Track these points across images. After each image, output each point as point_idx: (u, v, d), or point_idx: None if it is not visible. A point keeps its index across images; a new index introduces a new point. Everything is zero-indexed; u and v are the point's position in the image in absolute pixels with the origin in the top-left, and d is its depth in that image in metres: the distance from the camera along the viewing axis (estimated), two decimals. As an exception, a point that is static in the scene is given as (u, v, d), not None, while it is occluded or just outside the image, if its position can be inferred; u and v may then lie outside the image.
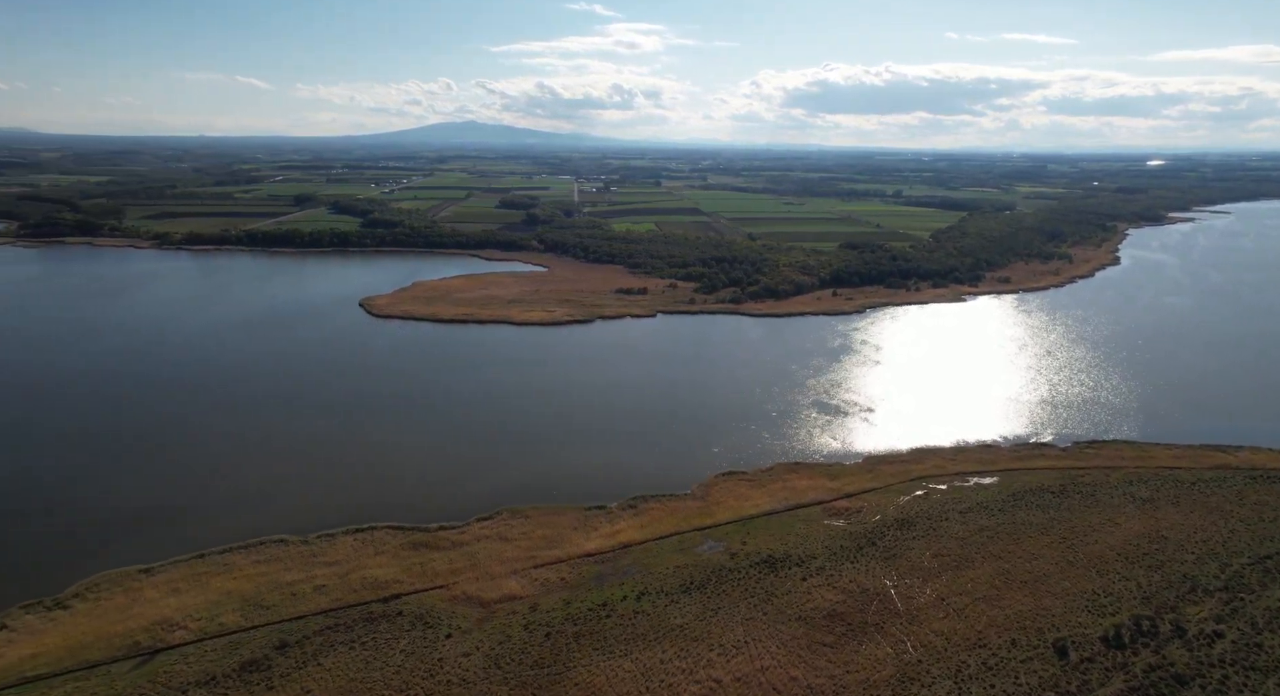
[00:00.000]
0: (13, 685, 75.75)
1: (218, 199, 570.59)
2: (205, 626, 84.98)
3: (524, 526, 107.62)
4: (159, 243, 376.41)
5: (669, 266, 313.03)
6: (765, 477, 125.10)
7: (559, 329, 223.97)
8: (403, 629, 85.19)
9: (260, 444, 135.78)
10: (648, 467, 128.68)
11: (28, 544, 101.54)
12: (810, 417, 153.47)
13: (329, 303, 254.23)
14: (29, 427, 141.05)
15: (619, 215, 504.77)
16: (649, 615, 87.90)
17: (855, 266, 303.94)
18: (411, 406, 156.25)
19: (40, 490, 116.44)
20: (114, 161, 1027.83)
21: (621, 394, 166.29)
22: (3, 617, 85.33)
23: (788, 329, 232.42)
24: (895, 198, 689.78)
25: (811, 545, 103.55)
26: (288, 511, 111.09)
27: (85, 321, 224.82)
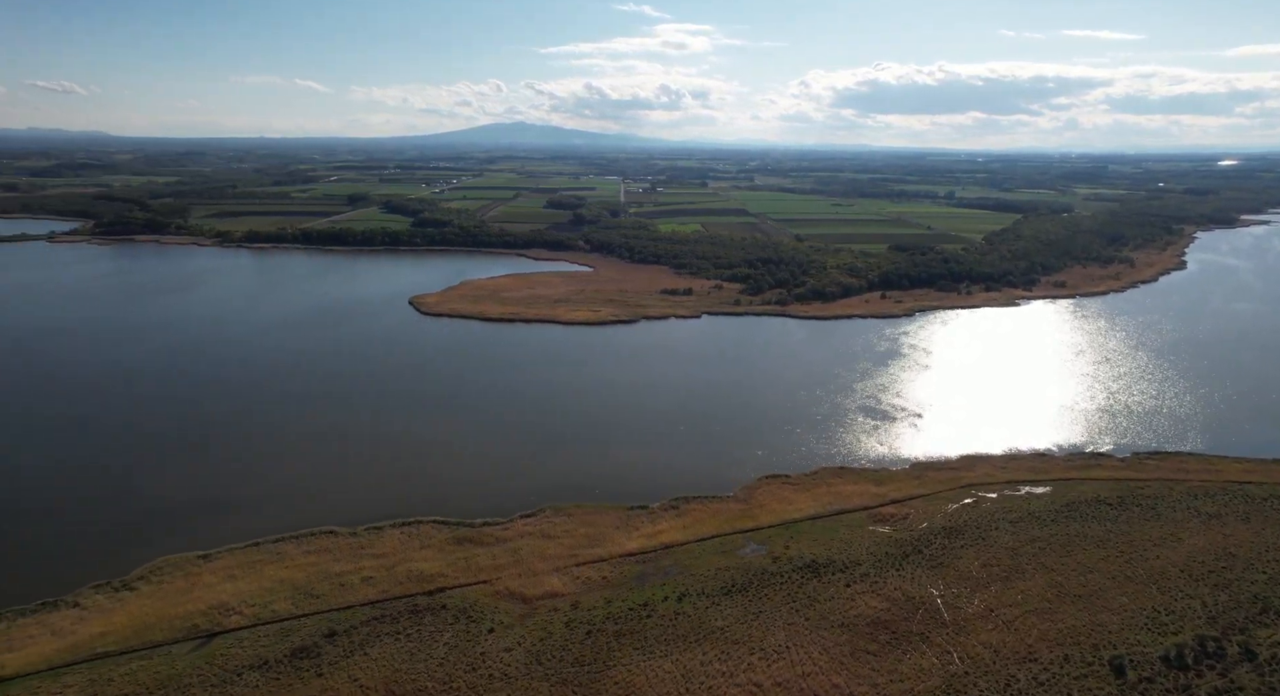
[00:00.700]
0: (84, 660, 79.32)
1: (275, 198, 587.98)
2: (259, 612, 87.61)
3: (566, 524, 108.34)
4: (220, 240, 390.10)
5: (714, 267, 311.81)
6: (809, 481, 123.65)
7: (604, 329, 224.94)
8: (446, 622, 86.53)
9: (312, 437, 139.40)
10: (690, 468, 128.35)
11: (97, 528, 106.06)
12: (856, 422, 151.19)
13: (380, 300, 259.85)
14: (100, 420, 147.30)
15: (665, 216, 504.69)
16: (690, 616, 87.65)
17: (905, 269, 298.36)
18: (458, 403, 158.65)
19: (109, 479, 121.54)
20: (181, 162, 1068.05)
21: (665, 394, 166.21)
22: (76, 596, 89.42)
23: (834, 331, 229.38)
24: (947, 199, 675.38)
25: (856, 551, 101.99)
26: (337, 503, 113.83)
27: (150, 317, 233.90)
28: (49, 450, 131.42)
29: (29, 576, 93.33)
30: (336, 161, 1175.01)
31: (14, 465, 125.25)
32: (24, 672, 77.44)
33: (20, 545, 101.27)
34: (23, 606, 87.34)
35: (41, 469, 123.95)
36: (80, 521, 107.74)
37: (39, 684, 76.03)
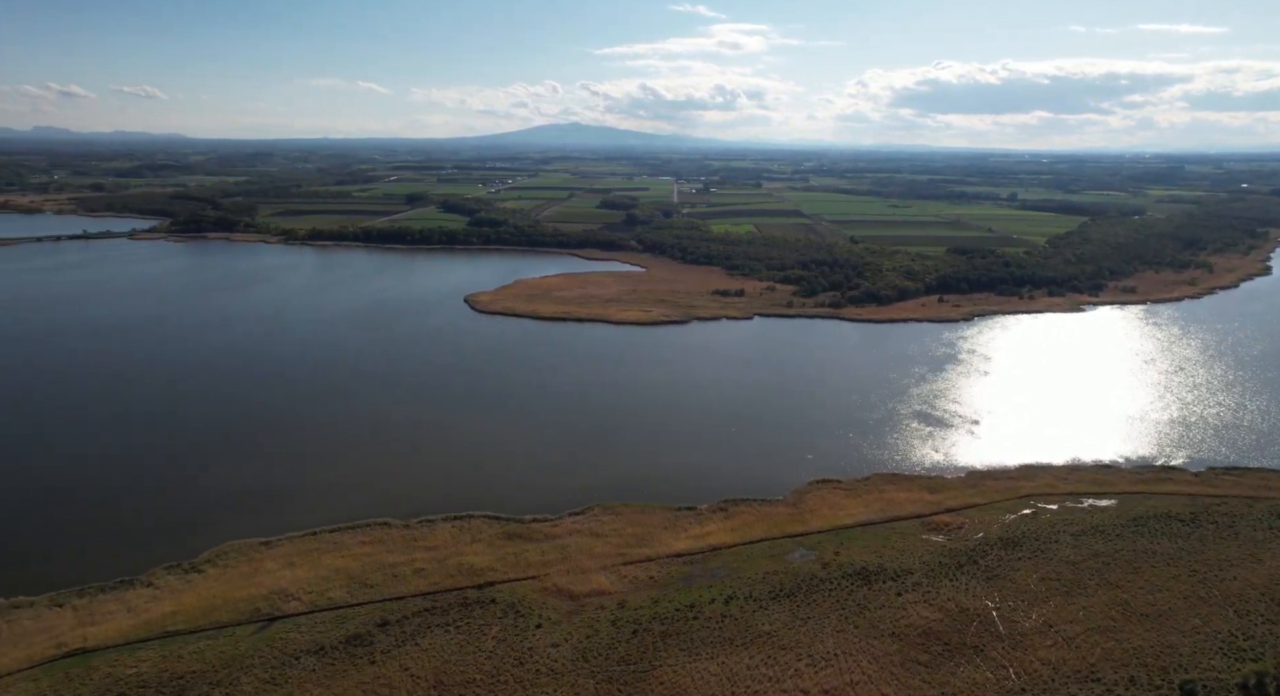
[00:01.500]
0: (157, 637, 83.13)
1: (337, 198, 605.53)
2: (316, 599, 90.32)
3: (614, 523, 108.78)
4: (285, 238, 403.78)
5: (767, 269, 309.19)
6: (861, 487, 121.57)
7: (655, 329, 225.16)
8: (495, 616, 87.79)
9: (369, 430, 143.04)
10: (739, 471, 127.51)
11: (169, 513, 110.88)
12: (910, 428, 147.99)
13: (436, 297, 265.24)
14: (172, 410, 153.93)
15: (718, 216, 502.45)
16: (736, 619, 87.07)
17: (964, 272, 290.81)
18: (510, 400, 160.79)
19: (180, 466, 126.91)
20: (250, 163, 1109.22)
21: (715, 395, 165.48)
22: (149, 576, 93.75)
23: (889, 335, 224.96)
24: (1009, 201, 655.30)
25: (908, 559, 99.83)
26: (391, 496, 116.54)
27: (220, 311, 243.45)
28: (127, 438, 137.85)
29: (108, 556, 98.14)
30: (396, 161, 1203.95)
31: (95, 453, 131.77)
32: (104, 646, 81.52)
33: (100, 527, 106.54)
34: (103, 583, 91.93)
35: (120, 456, 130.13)
36: (154, 506, 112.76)
37: (117, 657, 79.91)
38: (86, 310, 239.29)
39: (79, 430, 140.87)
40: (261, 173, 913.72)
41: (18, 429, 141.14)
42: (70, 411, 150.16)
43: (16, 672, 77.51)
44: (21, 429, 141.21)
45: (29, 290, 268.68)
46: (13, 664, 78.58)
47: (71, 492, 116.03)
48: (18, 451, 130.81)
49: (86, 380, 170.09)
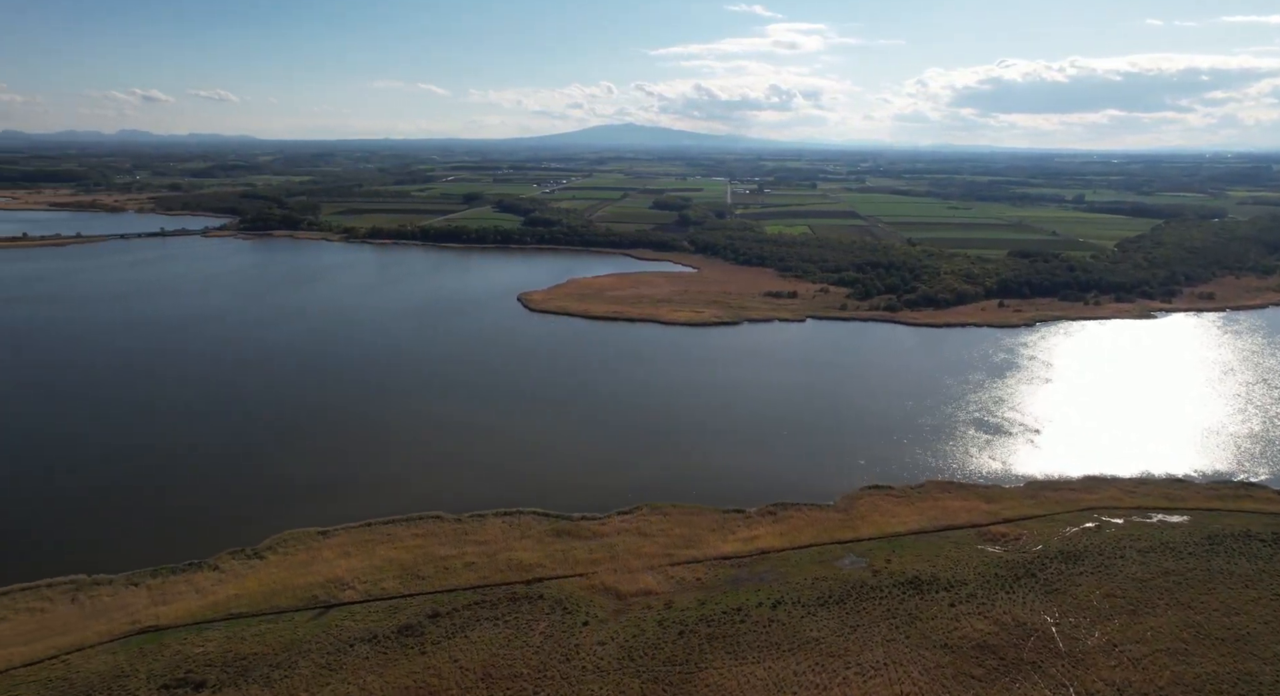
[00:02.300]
0: (222, 619, 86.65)
1: (396, 197, 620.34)
2: (370, 589, 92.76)
3: (662, 523, 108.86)
4: (346, 236, 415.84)
5: (821, 271, 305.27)
6: (914, 494, 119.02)
7: (706, 329, 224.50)
8: (543, 612, 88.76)
9: (423, 425, 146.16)
10: (789, 474, 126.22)
11: (234, 500, 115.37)
12: (967, 435, 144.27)
13: (490, 296, 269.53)
14: (237, 402, 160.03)
15: (771, 217, 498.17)
16: (784, 624, 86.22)
17: (1026, 276, 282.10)
18: (560, 398, 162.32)
19: (245, 456, 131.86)
20: (314, 163, 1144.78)
21: (765, 398, 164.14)
22: (215, 560, 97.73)
23: (946, 340, 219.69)
24: (1075, 203, 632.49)
25: (962, 570, 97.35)
26: (444, 490, 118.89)
27: (282, 307, 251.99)
28: (198, 428, 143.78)
29: (179, 540, 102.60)
30: (454, 162, 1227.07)
31: (167, 441, 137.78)
32: (175, 624, 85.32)
33: (172, 512, 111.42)
34: (174, 565, 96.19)
35: (191, 444, 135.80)
36: (221, 494, 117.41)
37: (185, 636, 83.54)
38: (162, 304, 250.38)
39: (154, 419, 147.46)
40: (325, 172, 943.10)
41: (101, 417, 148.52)
42: (147, 401, 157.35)
43: (98, 645, 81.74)
44: (105, 417, 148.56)
45: (111, 285, 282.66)
46: (94, 637, 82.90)
47: (148, 478, 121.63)
48: (101, 438, 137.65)
49: (163, 371, 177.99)
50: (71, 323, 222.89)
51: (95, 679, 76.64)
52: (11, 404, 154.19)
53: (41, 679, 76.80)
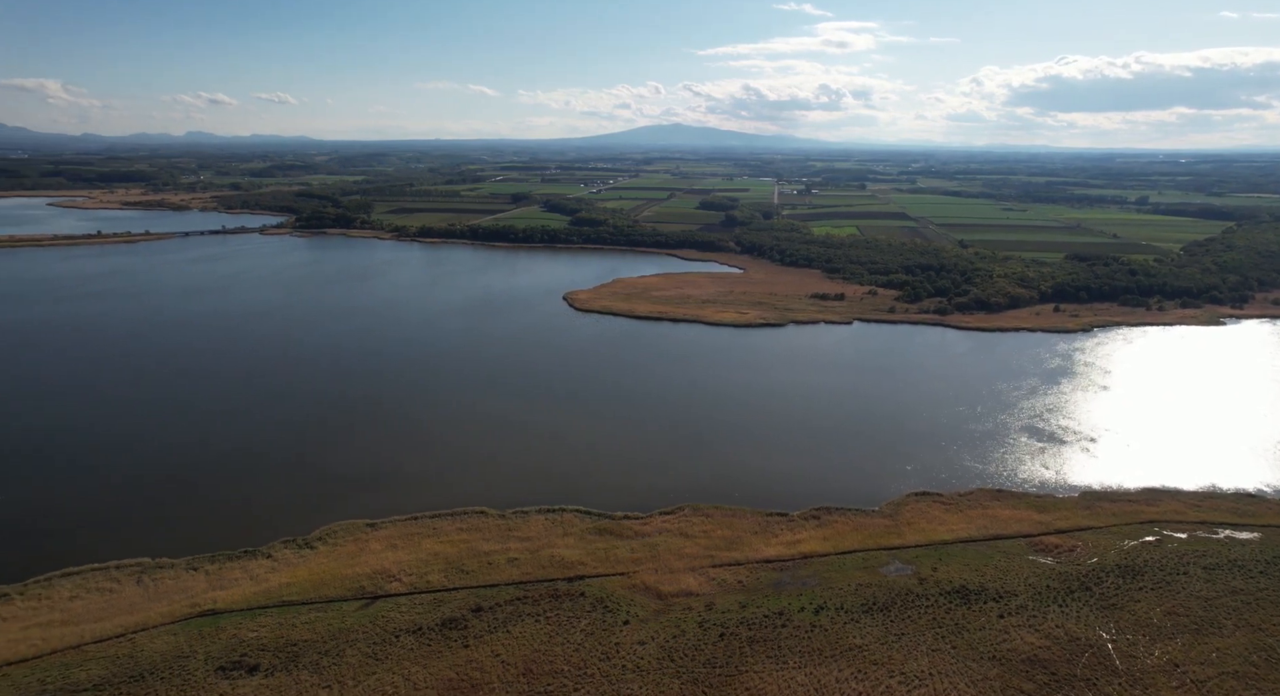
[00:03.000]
0: (274, 605, 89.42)
1: (446, 196, 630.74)
2: (415, 582, 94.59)
3: (704, 524, 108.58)
4: (397, 234, 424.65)
5: (869, 273, 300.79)
6: (963, 502, 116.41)
7: (751, 331, 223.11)
8: (584, 609, 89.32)
9: (469, 421, 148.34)
10: (833, 479, 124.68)
11: (287, 491, 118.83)
12: (1019, 442, 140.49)
13: (536, 295, 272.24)
14: (291, 395, 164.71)
15: (819, 218, 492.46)
16: (826, 630, 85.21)
17: (1083, 280, 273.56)
18: (604, 397, 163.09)
19: (298, 448, 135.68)
20: (368, 163, 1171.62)
21: (810, 400, 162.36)
22: (269, 548, 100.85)
23: (999, 345, 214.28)
24: (1139, 205, 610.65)
25: (1012, 580, 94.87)
26: (488, 485, 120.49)
27: (335, 303, 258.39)
28: (253, 420, 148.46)
29: (235, 527, 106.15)
30: (503, 162, 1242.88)
31: (225, 433, 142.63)
32: (230, 609, 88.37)
33: (228, 501, 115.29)
34: (230, 551, 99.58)
35: (246, 436, 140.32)
36: (275, 484, 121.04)
37: (240, 620, 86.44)
38: (221, 300, 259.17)
39: (213, 411, 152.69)
40: (378, 172, 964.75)
41: (165, 409, 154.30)
42: (207, 394, 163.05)
43: (160, 626, 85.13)
44: (168, 409, 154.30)
45: (175, 281, 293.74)
46: (156, 618, 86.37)
47: (207, 468, 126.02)
48: (164, 429, 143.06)
49: (223, 365, 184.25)
50: (140, 317, 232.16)
51: (158, 658, 79.81)
52: (88, 395, 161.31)
53: (110, 655, 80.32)
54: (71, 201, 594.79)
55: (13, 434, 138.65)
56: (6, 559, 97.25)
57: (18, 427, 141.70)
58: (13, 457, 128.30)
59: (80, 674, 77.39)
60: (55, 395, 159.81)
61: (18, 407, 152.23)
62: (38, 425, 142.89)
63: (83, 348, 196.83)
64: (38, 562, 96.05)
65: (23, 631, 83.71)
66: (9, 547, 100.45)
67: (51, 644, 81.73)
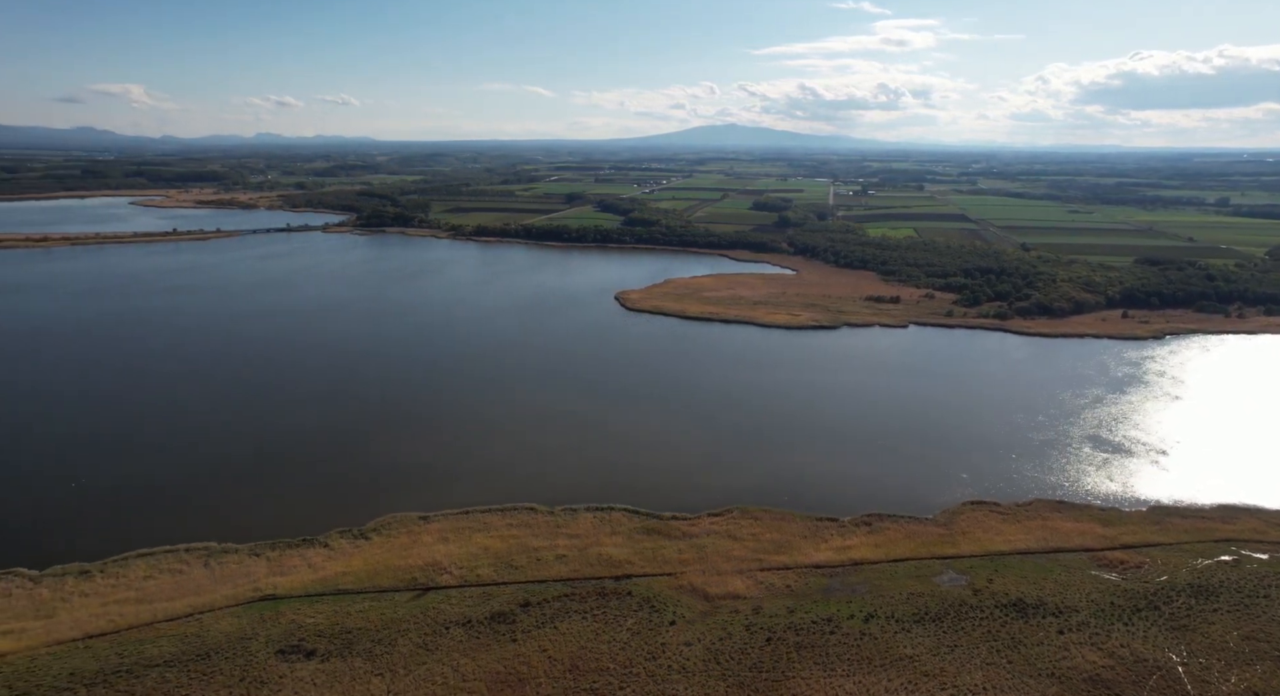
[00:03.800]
0: (330, 593, 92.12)
1: (501, 196, 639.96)
2: (466, 575, 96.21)
3: (753, 527, 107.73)
4: (454, 233, 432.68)
5: (926, 275, 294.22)
6: (1021, 512, 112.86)
7: (802, 333, 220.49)
8: (631, 608, 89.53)
9: (520, 418, 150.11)
10: (886, 485, 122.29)
11: (344, 482, 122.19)
12: (1082, 453, 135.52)
13: (588, 294, 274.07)
14: (351, 389, 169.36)
15: (875, 220, 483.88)
16: (876, 639, 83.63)
17: (1155, 285, 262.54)
18: (654, 397, 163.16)
19: (355, 441, 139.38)
20: (426, 163, 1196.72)
21: (863, 404, 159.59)
22: (326, 537, 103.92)
23: (1062, 351, 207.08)
24: (1218, 207, 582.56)
25: (1073, 596, 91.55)
26: (537, 482, 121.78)
27: (393, 300, 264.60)
28: (312, 413, 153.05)
29: (295, 516, 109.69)
30: (557, 162, 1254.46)
31: (286, 424, 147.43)
32: (290, 594, 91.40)
33: (288, 491, 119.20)
34: (290, 539, 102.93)
35: (306, 428, 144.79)
36: (332, 475, 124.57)
37: (299, 606, 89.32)
38: (285, 295, 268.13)
39: (275, 403, 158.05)
40: (436, 172, 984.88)
41: (230, 400, 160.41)
42: (270, 386, 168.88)
43: (224, 608, 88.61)
44: (233, 400, 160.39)
45: (243, 277, 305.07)
46: (221, 600, 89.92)
47: (270, 458, 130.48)
48: (229, 418, 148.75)
49: (284, 358, 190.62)
50: (211, 312, 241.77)
51: (222, 638, 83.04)
52: (161, 385, 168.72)
53: (179, 633, 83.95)
54: (150, 200, 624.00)
55: (104, 419, 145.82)
56: (88, 538, 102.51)
57: (111, 413, 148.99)
58: (102, 440, 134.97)
59: (153, 650, 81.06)
60: (137, 384, 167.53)
61: (112, 393, 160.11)
62: (126, 411, 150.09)
63: (157, 341, 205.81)
64: (116, 542, 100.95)
65: (102, 607, 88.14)
66: (91, 528, 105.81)
67: (128, 620, 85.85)
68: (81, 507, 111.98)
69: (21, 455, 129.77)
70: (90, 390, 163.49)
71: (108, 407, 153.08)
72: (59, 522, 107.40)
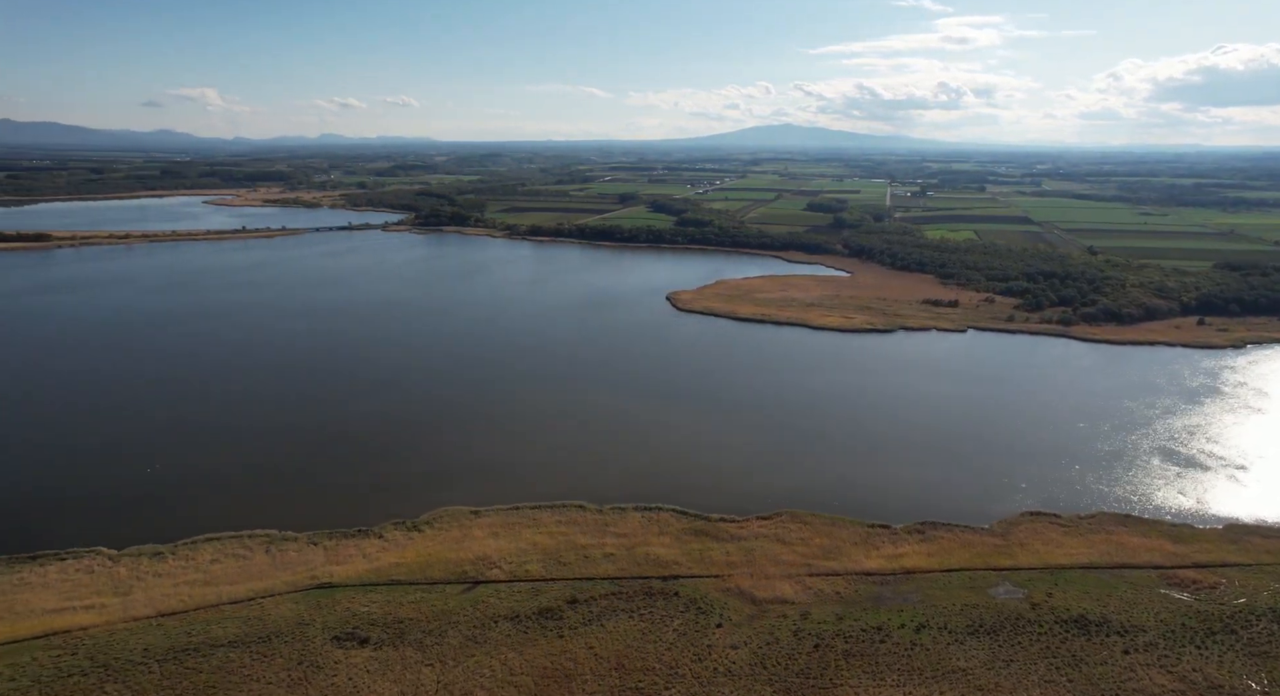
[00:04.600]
0: (384, 583, 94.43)
1: (556, 196, 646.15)
2: (515, 570, 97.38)
3: (802, 532, 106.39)
4: (509, 233, 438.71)
5: (986, 279, 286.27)
6: (1084, 525, 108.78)
7: (856, 336, 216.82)
8: (677, 609, 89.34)
9: (570, 416, 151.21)
10: (940, 492, 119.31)
11: (397, 475, 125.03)
12: (1151, 465, 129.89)
13: (640, 294, 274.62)
14: (405, 383, 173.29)
15: (934, 221, 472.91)
16: (928, 650, 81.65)
17: (1235, 291, 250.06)
18: (703, 398, 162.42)
19: (411, 434, 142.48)
20: (483, 164, 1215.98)
21: (918, 409, 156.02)
22: (380, 528, 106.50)
23: (1131, 359, 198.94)
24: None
25: (1140, 615, 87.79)
26: (587, 480, 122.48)
27: (450, 296, 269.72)
28: (368, 406, 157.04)
29: (351, 507, 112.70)
30: (611, 162, 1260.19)
31: (344, 416, 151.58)
32: (345, 583, 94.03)
33: (345, 482, 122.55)
34: (346, 529, 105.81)
35: (359, 420, 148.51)
36: (387, 467, 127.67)
37: (354, 595, 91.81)
38: (346, 291, 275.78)
39: (335, 395, 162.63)
40: (492, 172, 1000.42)
41: (290, 392, 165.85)
42: (330, 379, 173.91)
43: (284, 594, 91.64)
44: (293, 392, 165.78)
45: (306, 273, 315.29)
46: (280, 586, 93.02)
47: (327, 449, 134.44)
48: (291, 410, 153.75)
49: (344, 352, 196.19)
50: (276, 307, 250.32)
51: (282, 623, 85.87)
52: (229, 377, 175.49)
53: (242, 616, 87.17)
54: (222, 199, 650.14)
55: (176, 407, 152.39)
56: (161, 521, 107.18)
57: (183, 402, 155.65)
58: (174, 427, 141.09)
59: (218, 630, 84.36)
60: (206, 375, 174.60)
61: (184, 383, 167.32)
62: (196, 400, 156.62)
63: (231, 332, 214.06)
64: (186, 526, 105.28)
65: (174, 587, 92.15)
66: (163, 512, 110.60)
67: (196, 601, 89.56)
68: (156, 492, 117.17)
69: (105, 440, 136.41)
70: (165, 379, 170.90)
71: (180, 396, 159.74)
72: (136, 505, 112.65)
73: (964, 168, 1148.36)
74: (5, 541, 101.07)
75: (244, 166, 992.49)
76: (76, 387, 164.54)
